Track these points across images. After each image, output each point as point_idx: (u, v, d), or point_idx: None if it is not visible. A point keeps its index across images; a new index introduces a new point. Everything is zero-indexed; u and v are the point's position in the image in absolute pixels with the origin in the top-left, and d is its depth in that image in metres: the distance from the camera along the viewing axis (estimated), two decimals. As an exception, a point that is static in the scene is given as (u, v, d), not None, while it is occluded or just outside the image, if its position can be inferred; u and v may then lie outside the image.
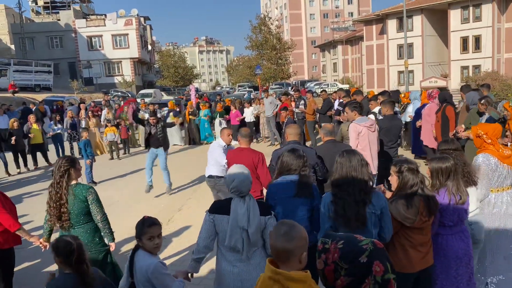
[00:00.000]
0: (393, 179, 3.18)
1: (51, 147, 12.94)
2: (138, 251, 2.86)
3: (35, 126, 12.06)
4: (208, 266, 5.09)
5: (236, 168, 3.19)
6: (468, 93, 7.81)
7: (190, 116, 15.29)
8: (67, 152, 13.31)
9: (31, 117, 12.24)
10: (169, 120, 14.85)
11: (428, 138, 8.12)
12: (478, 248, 3.75)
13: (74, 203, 3.75)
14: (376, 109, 7.62)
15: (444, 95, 7.86)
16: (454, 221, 3.28)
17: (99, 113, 15.59)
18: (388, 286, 1.64)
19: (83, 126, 13.74)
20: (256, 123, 15.30)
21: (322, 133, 5.00)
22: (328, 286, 1.74)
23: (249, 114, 14.86)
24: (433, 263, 3.20)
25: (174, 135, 15.14)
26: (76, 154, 12.99)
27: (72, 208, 3.76)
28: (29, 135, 11.80)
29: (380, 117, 6.93)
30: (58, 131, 12.92)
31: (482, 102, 6.63)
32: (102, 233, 3.93)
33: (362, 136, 5.47)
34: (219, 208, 3.11)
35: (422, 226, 3.06)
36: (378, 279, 1.62)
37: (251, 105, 15.29)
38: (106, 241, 4.00)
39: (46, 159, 12.41)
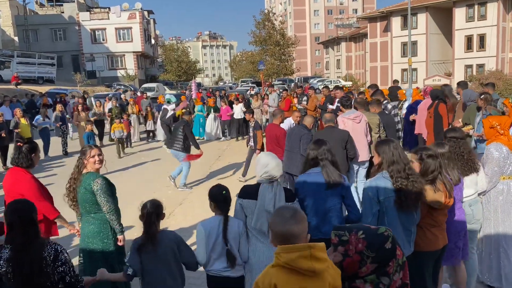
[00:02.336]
0: (415, 165, 3.35)
1: (39, 142, 12.31)
2: (229, 218, 3.26)
3: (23, 120, 11.28)
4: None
5: (266, 156, 3.37)
6: (465, 90, 8.06)
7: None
8: (56, 148, 12.79)
9: (17, 111, 11.42)
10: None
11: (423, 129, 8.49)
12: (478, 227, 4.01)
13: (79, 191, 3.76)
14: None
15: (435, 93, 8.08)
16: (454, 199, 3.58)
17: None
18: (405, 267, 1.79)
19: (72, 120, 13.46)
20: (246, 120, 15.33)
21: (323, 121, 6.14)
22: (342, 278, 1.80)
23: (238, 111, 14.86)
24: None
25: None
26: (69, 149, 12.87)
27: (79, 197, 3.79)
28: (15, 130, 10.99)
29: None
30: (46, 125, 12.38)
31: (481, 97, 6.81)
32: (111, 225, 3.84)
33: (348, 127, 6.02)
34: (247, 193, 3.31)
35: (445, 207, 3.35)
36: (400, 262, 1.77)
37: (240, 102, 15.32)
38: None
39: None
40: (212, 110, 15.14)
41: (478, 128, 6.77)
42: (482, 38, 35.73)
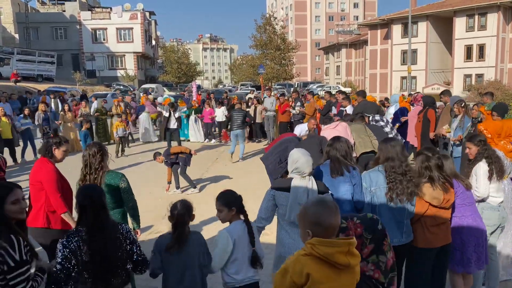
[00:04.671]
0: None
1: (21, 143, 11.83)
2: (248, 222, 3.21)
3: (4, 119, 10.87)
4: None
5: (298, 152, 3.49)
6: (452, 96, 8.58)
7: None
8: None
9: None
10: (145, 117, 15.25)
11: (412, 137, 8.93)
12: (503, 229, 4.20)
13: (104, 189, 3.77)
14: (348, 108, 9.80)
15: (427, 100, 8.56)
16: (469, 202, 3.73)
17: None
18: (391, 247, 2.04)
19: (58, 120, 13.24)
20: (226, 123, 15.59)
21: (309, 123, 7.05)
22: None
23: (220, 114, 15.18)
24: (451, 241, 3.64)
25: (148, 131, 15.39)
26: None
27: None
28: None
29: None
30: (28, 126, 11.91)
31: (462, 105, 7.22)
32: (130, 219, 3.98)
33: (326, 134, 6.56)
34: (281, 185, 3.45)
35: (445, 206, 3.49)
36: (389, 241, 1.99)
37: (222, 105, 15.49)
38: (132, 226, 4.03)
39: (14, 157, 11.24)
40: (193, 112, 15.21)
41: (455, 133, 7.20)
42: (481, 48, 35.87)
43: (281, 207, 3.40)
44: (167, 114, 13.33)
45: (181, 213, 3.02)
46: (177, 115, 13.65)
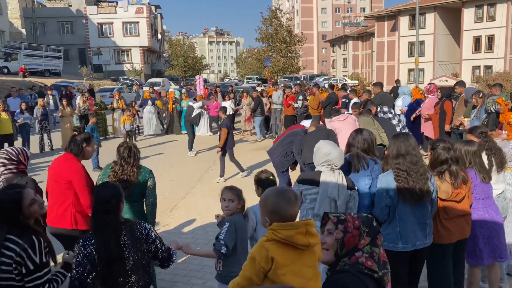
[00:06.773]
0: (428, 155, 3.58)
1: (19, 138, 11.93)
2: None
3: (4, 115, 10.68)
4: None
5: (328, 144, 3.39)
6: (466, 88, 8.59)
7: (174, 105, 15.42)
8: (36, 144, 12.25)
9: None
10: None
11: (429, 129, 8.97)
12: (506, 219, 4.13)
13: (135, 183, 3.86)
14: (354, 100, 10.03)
15: (445, 91, 8.73)
16: (484, 195, 3.64)
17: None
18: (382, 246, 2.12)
19: (56, 115, 13.19)
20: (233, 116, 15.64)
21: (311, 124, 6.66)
22: (339, 254, 2.00)
23: (227, 107, 15.00)
24: (469, 235, 3.50)
25: (152, 125, 15.48)
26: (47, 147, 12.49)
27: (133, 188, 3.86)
28: None
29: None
30: (26, 121, 11.80)
31: (480, 95, 7.17)
32: (147, 216, 3.97)
33: (334, 127, 6.58)
34: (308, 180, 3.39)
35: (456, 199, 3.36)
36: (382, 238, 2.06)
37: (230, 99, 15.46)
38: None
39: None
40: None
41: (472, 124, 7.09)
42: (490, 39, 35.44)
43: (307, 201, 3.35)
44: (199, 110, 13.28)
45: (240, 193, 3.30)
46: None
